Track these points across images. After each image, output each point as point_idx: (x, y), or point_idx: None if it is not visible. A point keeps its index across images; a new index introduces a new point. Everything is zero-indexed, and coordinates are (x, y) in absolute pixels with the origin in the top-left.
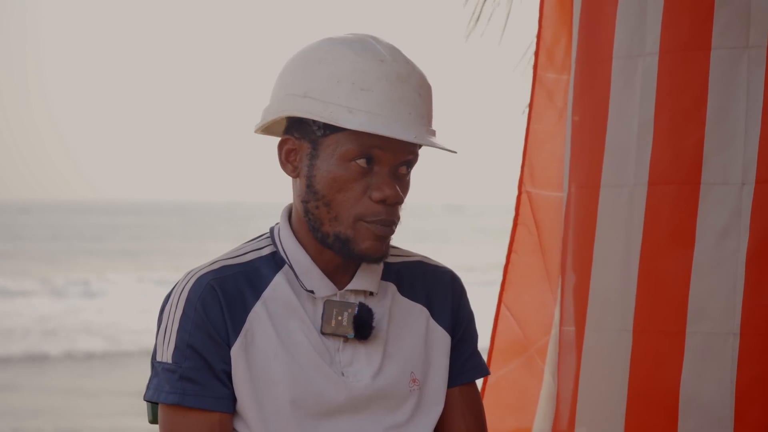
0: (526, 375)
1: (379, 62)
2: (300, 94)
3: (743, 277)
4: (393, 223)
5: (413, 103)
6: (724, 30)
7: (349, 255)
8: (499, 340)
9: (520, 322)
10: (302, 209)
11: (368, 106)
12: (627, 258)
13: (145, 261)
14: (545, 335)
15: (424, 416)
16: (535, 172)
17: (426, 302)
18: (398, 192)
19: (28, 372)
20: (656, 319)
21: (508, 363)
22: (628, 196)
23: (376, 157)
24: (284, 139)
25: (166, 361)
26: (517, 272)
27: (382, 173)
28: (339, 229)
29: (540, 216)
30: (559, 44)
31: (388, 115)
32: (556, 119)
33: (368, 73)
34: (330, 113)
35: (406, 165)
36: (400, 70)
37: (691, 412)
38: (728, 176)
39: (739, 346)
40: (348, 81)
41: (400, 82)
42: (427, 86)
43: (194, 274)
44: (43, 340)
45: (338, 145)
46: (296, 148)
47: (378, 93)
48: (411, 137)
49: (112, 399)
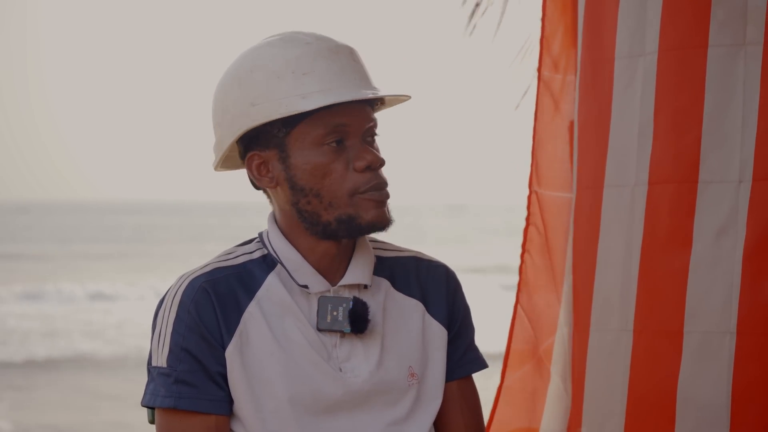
0: (536, 376)
1: (306, 45)
2: (246, 107)
3: (740, 275)
4: (386, 184)
5: (353, 68)
6: (721, 27)
7: (358, 231)
8: (515, 341)
9: (533, 324)
10: (294, 212)
11: (316, 86)
12: (628, 258)
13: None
14: (551, 336)
15: (423, 411)
16: (540, 172)
17: (421, 297)
18: (378, 155)
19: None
20: (655, 318)
21: (524, 365)
22: (629, 196)
23: (344, 132)
24: (249, 157)
25: (161, 366)
26: (530, 273)
27: (355, 145)
28: (338, 212)
29: (547, 216)
30: (562, 45)
31: (337, 86)
32: (558, 120)
33: (302, 59)
34: (285, 107)
35: (371, 134)
36: (328, 44)
37: (688, 412)
38: (725, 174)
39: (735, 345)
40: (287, 73)
41: (333, 55)
42: (356, 53)
43: (186, 277)
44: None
45: (305, 134)
46: (264, 160)
47: (319, 71)
48: (368, 94)
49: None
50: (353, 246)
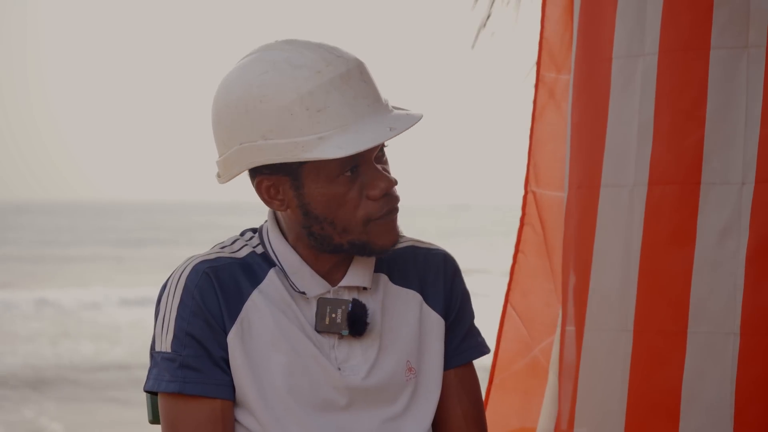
0: (531, 375)
1: (317, 74)
2: (256, 139)
3: (743, 276)
4: (397, 208)
5: (364, 93)
6: (723, 30)
7: (369, 254)
8: (504, 339)
9: (525, 322)
10: (305, 233)
11: (333, 124)
12: (627, 258)
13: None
14: (549, 335)
15: (422, 404)
16: (539, 172)
17: (418, 287)
18: (390, 178)
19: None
20: (657, 319)
21: (514, 363)
22: (628, 196)
23: (358, 161)
24: (258, 180)
25: (165, 351)
26: (523, 272)
27: (369, 171)
28: (351, 237)
29: (545, 216)
30: (562, 44)
31: (353, 120)
32: (558, 119)
33: (315, 93)
34: (302, 150)
35: (381, 152)
36: (339, 70)
37: (692, 413)
38: (728, 176)
39: (739, 345)
40: (301, 109)
41: (345, 84)
42: (364, 67)
43: (190, 262)
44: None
45: (320, 167)
46: (274, 183)
47: (334, 106)
48: (387, 132)
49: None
50: None
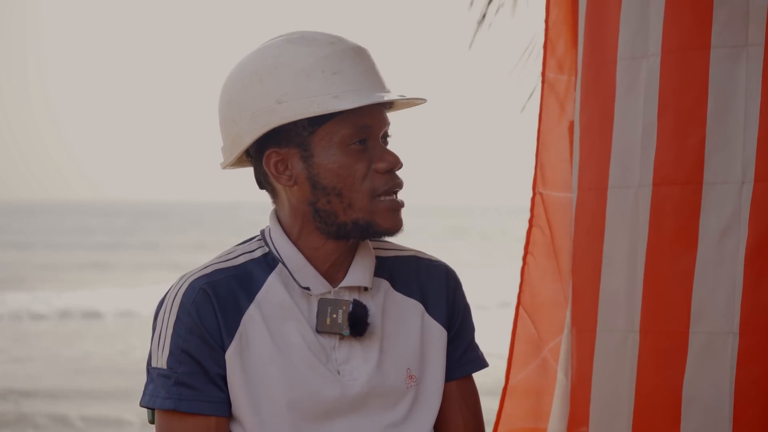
0: (541, 376)
1: (330, 45)
2: (271, 103)
3: (742, 276)
4: (402, 186)
5: (375, 71)
6: (723, 28)
7: (372, 235)
8: (518, 341)
9: (536, 324)
10: (310, 211)
11: (348, 86)
12: (633, 259)
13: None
14: (558, 335)
15: (422, 413)
16: (545, 174)
17: (420, 297)
18: (398, 157)
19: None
20: (661, 319)
21: (527, 365)
22: (633, 197)
23: (368, 133)
24: (267, 154)
25: (161, 367)
26: (533, 273)
27: (377, 146)
28: (356, 215)
29: (552, 217)
30: (566, 46)
31: (365, 87)
32: (563, 121)
33: (330, 59)
34: (318, 105)
35: (387, 136)
36: (351, 45)
37: (692, 412)
38: (729, 175)
39: (738, 345)
40: (317, 72)
41: (357, 56)
42: (371, 55)
43: (187, 278)
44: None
45: (332, 134)
46: (283, 157)
47: (348, 71)
48: (397, 96)
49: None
50: (355, 247)
